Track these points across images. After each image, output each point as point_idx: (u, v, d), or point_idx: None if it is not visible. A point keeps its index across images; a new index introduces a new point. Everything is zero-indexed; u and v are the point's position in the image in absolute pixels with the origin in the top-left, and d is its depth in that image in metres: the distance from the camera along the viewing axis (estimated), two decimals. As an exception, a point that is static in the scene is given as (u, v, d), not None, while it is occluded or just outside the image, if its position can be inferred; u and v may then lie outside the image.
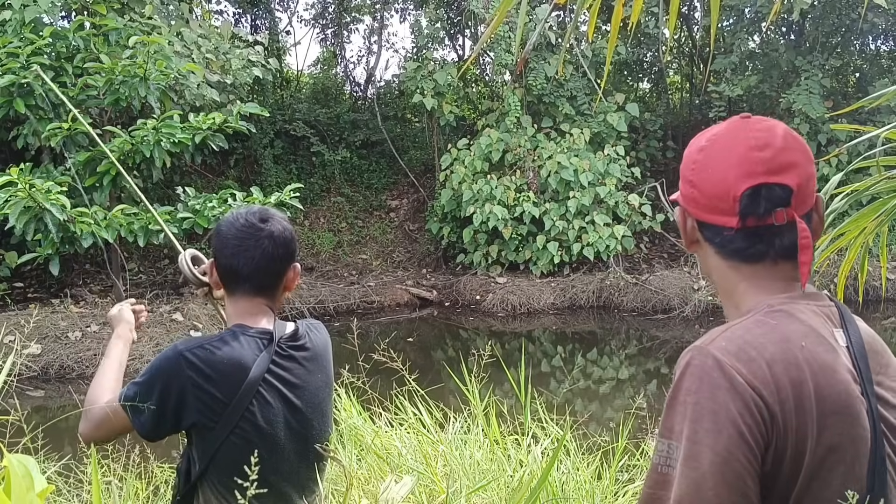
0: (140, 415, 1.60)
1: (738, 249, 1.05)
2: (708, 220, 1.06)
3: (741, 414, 0.91)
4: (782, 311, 1.00)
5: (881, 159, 2.05)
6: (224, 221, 1.71)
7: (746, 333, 0.97)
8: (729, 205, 1.02)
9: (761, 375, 0.92)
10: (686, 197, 1.10)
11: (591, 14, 1.59)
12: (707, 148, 1.07)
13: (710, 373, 0.93)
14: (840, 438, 0.94)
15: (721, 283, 1.09)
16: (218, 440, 1.58)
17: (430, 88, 12.44)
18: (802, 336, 0.97)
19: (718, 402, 0.92)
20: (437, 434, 3.10)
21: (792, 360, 0.94)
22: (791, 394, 0.92)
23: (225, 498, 1.58)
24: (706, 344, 0.97)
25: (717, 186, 1.04)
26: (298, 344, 1.70)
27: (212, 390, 1.56)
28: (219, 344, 1.60)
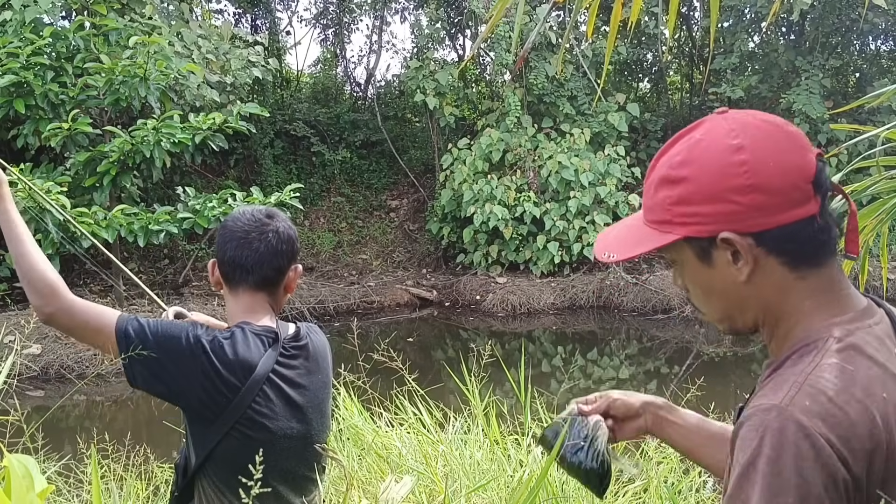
0: (135, 364, 1.56)
1: (819, 244, 0.92)
2: (780, 221, 0.90)
3: (827, 488, 0.82)
4: (853, 347, 0.89)
5: (881, 159, 2.05)
6: (229, 217, 1.74)
7: (828, 387, 0.86)
8: (803, 190, 0.90)
9: (851, 442, 0.83)
10: (739, 212, 0.91)
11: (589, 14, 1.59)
12: (748, 153, 0.91)
13: (798, 444, 0.83)
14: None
15: (779, 306, 0.95)
16: (217, 435, 1.58)
17: (432, 88, 12.45)
18: (882, 384, 0.87)
19: (804, 477, 0.82)
20: (437, 434, 3.11)
21: (878, 417, 0.85)
22: (880, 457, 0.84)
23: (223, 494, 1.58)
24: (787, 404, 0.85)
25: (788, 174, 0.90)
26: (301, 344, 1.71)
27: (217, 383, 1.56)
28: (230, 340, 1.60)
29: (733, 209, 0.91)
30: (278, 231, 1.69)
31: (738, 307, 0.98)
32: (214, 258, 1.74)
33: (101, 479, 2.84)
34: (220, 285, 1.74)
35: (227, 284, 1.72)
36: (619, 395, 1.31)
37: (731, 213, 0.91)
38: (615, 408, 1.30)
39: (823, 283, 0.94)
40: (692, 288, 1.02)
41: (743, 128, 0.93)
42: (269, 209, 1.75)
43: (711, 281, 0.98)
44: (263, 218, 1.70)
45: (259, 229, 1.69)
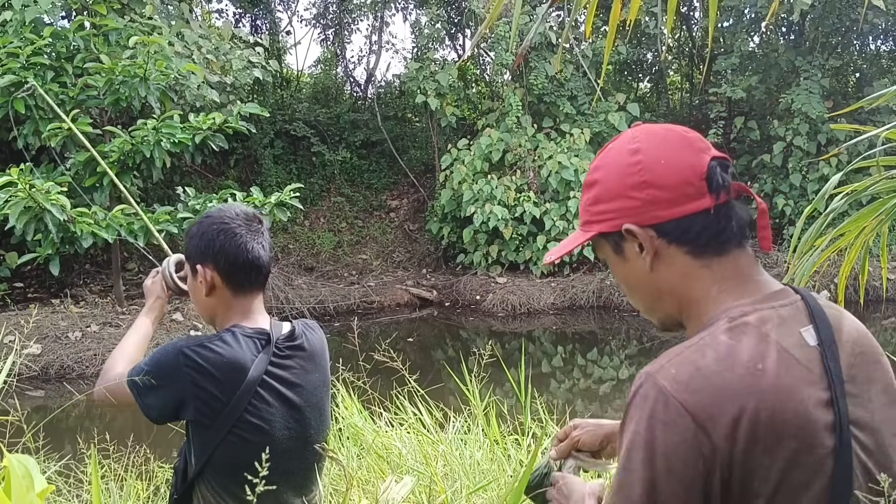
0: (144, 398, 1.61)
1: (714, 235, 1.00)
2: (675, 214, 0.99)
3: (676, 450, 0.89)
4: (744, 324, 0.95)
5: (881, 159, 2.05)
6: (221, 215, 1.67)
7: (700, 359, 0.93)
8: (696, 185, 0.99)
9: (709, 409, 0.89)
10: (637, 208, 1.01)
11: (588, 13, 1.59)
12: (642, 154, 1.02)
13: (654, 404, 0.91)
14: (796, 464, 0.91)
15: (686, 293, 1.02)
16: (215, 440, 1.58)
17: (432, 89, 12.45)
18: (761, 357, 0.92)
19: (654, 435, 0.90)
20: (437, 434, 3.10)
21: (747, 387, 0.90)
22: (739, 424, 0.89)
23: (222, 497, 1.58)
24: (655, 371, 0.94)
25: (680, 171, 1.00)
26: (296, 344, 1.70)
27: (210, 389, 1.56)
28: (219, 343, 1.59)
29: (633, 204, 1.01)
30: (266, 231, 1.72)
31: (654, 297, 1.06)
32: (198, 262, 1.67)
33: (101, 479, 2.84)
34: (212, 291, 1.67)
35: (230, 288, 1.67)
36: (581, 432, 1.35)
37: (631, 207, 1.02)
38: (582, 444, 1.36)
39: (728, 271, 1.01)
40: (619, 283, 1.12)
41: (644, 134, 1.06)
42: (235, 204, 1.75)
43: (628, 274, 1.08)
44: (249, 213, 1.70)
45: (258, 229, 1.69)
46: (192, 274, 1.70)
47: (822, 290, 11.04)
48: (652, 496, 0.90)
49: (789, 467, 0.90)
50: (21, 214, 6.98)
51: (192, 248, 1.68)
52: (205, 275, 1.66)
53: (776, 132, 12.44)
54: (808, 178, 12.12)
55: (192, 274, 1.70)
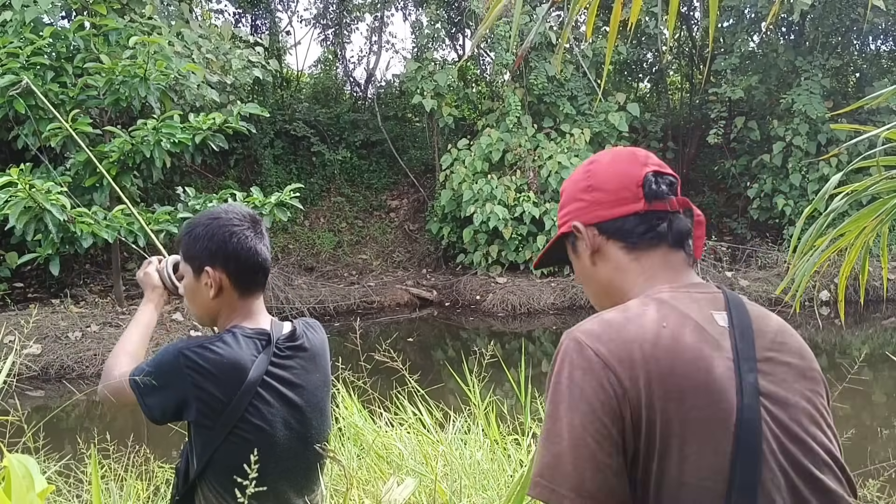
0: (146, 399, 1.61)
1: (643, 232, 1.14)
2: (613, 214, 1.16)
3: (595, 391, 0.98)
4: (655, 299, 1.08)
5: (881, 159, 2.05)
6: (227, 217, 1.66)
7: (613, 319, 1.05)
8: (633, 191, 1.15)
9: (618, 353, 0.99)
10: (583, 208, 1.19)
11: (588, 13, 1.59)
12: (594, 165, 1.21)
13: (572, 354, 1.01)
14: (699, 413, 0.98)
15: (619, 283, 1.17)
16: (217, 440, 1.58)
17: (431, 89, 12.44)
18: (665, 318, 1.04)
19: (575, 381, 0.99)
20: (437, 434, 3.10)
21: (650, 339, 1.01)
22: (646, 370, 0.98)
23: (224, 498, 1.58)
24: (574, 328, 1.05)
25: (620, 179, 1.16)
26: (296, 344, 1.69)
27: (211, 390, 1.56)
28: (219, 344, 1.59)
29: (581, 205, 1.20)
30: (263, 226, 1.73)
31: (598, 291, 1.20)
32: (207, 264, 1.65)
33: (101, 479, 2.84)
34: (219, 293, 1.66)
35: (237, 290, 1.66)
36: None
37: (580, 208, 1.20)
38: None
39: (655, 265, 1.15)
40: (582, 284, 1.26)
41: (602, 152, 1.25)
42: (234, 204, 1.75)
43: (581, 270, 1.23)
44: (254, 215, 1.70)
45: (259, 229, 1.69)
46: (195, 276, 1.68)
47: (822, 290, 11.04)
48: (581, 437, 0.97)
49: (695, 418, 0.98)
50: (21, 214, 6.98)
51: (200, 249, 1.65)
52: (214, 277, 1.65)
53: (776, 132, 12.44)
54: (808, 178, 12.12)
55: (195, 276, 1.68)
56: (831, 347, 9.75)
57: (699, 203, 14.61)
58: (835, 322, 10.40)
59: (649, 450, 0.98)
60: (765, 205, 13.00)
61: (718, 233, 13.61)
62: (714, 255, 12.33)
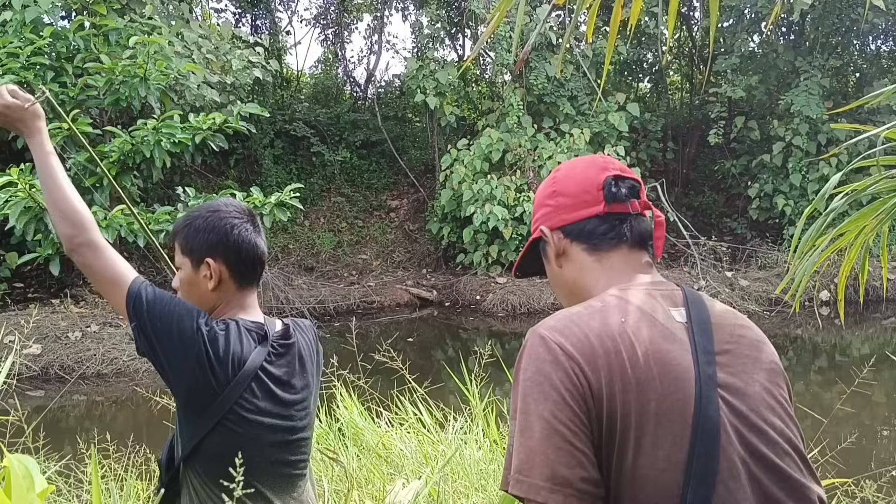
0: (141, 326, 1.56)
1: (604, 233, 1.19)
2: (575, 217, 1.21)
3: (562, 381, 1.00)
4: (614, 297, 1.12)
5: (881, 159, 2.05)
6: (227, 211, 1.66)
7: (574, 314, 1.09)
8: (594, 195, 1.20)
9: (580, 346, 1.02)
10: (549, 213, 1.24)
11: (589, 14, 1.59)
12: (559, 173, 1.26)
13: (537, 349, 1.04)
14: (658, 405, 1.00)
15: (583, 283, 1.21)
16: (205, 429, 1.58)
17: (432, 88, 12.45)
18: (624, 313, 1.08)
19: (543, 374, 1.02)
20: (437, 434, 3.11)
21: (609, 333, 1.04)
22: (606, 362, 1.01)
23: (209, 487, 1.59)
24: (537, 326, 1.08)
25: (581, 184, 1.21)
26: (289, 342, 1.71)
27: (208, 373, 1.56)
28: (225, 332, 1.60)
29: (547, 211, 1.24)
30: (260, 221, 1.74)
31: (566, 293, 1.24)
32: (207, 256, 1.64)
33: (101, 479, 2.84)
34: (218, 285, 1.66)
35: (235, 282, 1.67)
36: None
37: (546, 213, 1.25)
38: None
39: (616, 266, 1.19)
40: (552, 289, 1.29)
41: (568, 162, 1.30)
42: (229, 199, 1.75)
43: (550, 274, 1.27)
44: (252, 210, 1.71)
45: (258, 224, 1.71)
46: (193, 268, 1.67)
47: (822, 289, 11.04)
48: (552, 426, 0.99)
49: (653, 410, 1.00)
50: (21, 214, 6.98)
51: (200, 241, 1.65)
52: (215, 269, 1.65)
53: (776, 132, 12.44)
54: (808, 178, 12.12)
55: (193, 268, 1.67)
56: (831, 347, 9.75)
57: (699, 203, 14.62)
58: (835, 322, 10.41)
59: (609, 442, 1.00)
60: (765, 205, 13.00)
61: (718, 233, 13.61)
62: (714, 255, 12.33)
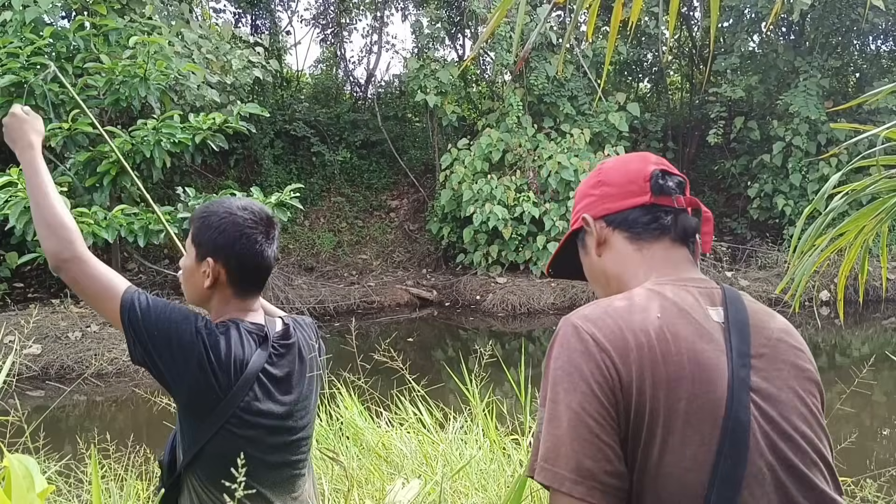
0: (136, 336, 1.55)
1: (647, 223, 1.18)
2: (620, 206, 1.20)
3: (592, 373, 1.00)
4: (651, 290, 1.11)
5: (881, 158, 2.05)
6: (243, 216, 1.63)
7: (609, 306, 1.08)
8: (640, 185, 1.19)
9: (612, 338, 1.02)
10: (593, 202, 1.24)
11: (590, 14, 1.59)
12: (605, 164, 1.27)
13: (570, 339, 1.04)
14: (687, 404, 1.00)
15: (621, 273, 1.19)
16: (207, 434, 1.58)
17: (433, 87, 12.45)
18: (661, 309, 1.06)
19: (574, 364, 1.01)
20: (437, 434, 3.11)
21: (644, 328, 1.03)
22: (638, 356, 1.01)
23: (210, 490, 1.58)
24: (571, 314, 1.08)
25: (628, 174, 1.21)
26: (289, 343, 1.70)
27: (210, 377, 1.56)
28: (226, 336, 1.59)
29: (591, 200, 1.25)
30: (278, 231, 1.71)
31: (604, 283, 1.23)
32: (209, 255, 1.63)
33: (101, 479, 2.84)
34: (214, 285, 1.65)
35: (232, 288, 1.66)
36: None
37: (589, 203, 1.25)
38: None
39: (657, 257, 1.18)
40: (589, 282, 1.28)
41: (614, 156, 1.30)
42: (258, 203, 1.70)
43: (589, 265, 1.26)
44: (270, 217, 1.68)
45: (272, 233, 1.67)
46: (196, 260, 1.66)
47: (822, 289, 11.04)
48: (580, 417, 0.99)
49: (682, 409, 0.99)
50: (21, 214, 6.98)
51: (206, 238, 1.64)
52: (213, 269, 1.64)
53: (776, 132, 12.44)
54: (808, 178, 12.12)
55: (196, 260, 1.66)
56: (831, 347, 9.75)
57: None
58: (834, 322, 10.41)
59: (635, 436, 1.00)
60: (765, 205, 13.00)
61: (718, 233, 13.61)
62: (714, 255, 12.33)
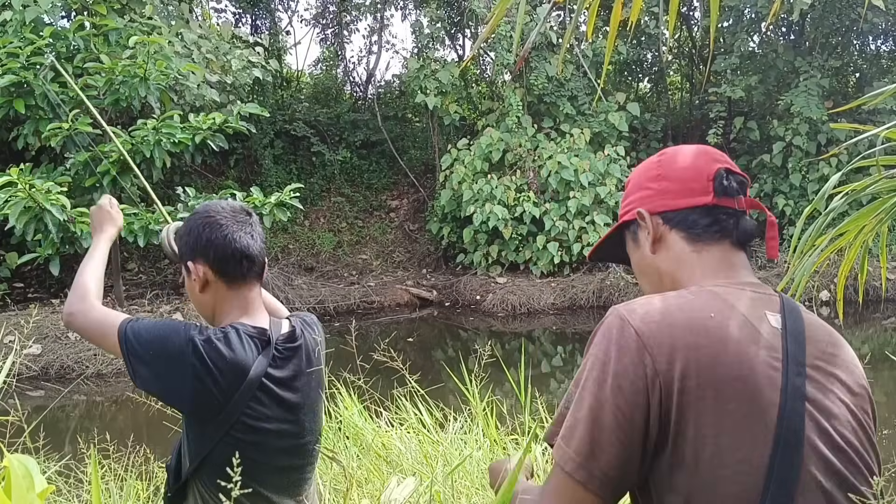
0: (136, 366, 1.57)
1: (708, 225, 1.14)
2: (680, 205, 1.15)
3: (626, 369, 0.99)
4: (708, 291, 1.08)
5: (881, 159, 2.04)
6: (206, 210, 1.66)
7: (661, 302, 1.06)
8: (702, 184, 1.15)
9: (658, 337, 1.00)
10: (650, 196, 1.19)
11: (589, 13, 1.59)
12: (665, 156, 1.22)
13: (612, 330, 1.03)
14: (737, 406, 0.99)
15: (676, 273, 1.16)
16: (213, 440, 1.57)
17: (433, 87, 12.45)
18: (716, 310, 1.04)
19: (609, 356, 1.01)
20: (437, 434, 3.11)
21: (695, 328, 1.01)
22: (685, 356, 0.99)
23: (216, 496, 1.58)
24: (622, 305, 1.06)
25: (689, 170, 1.16)
26: (295, 345, 1.69)
27: (210, 386, 1.55)
28: (224, 341, 1.57)
29: (648, 193, 1.19)
30: (257, 223, 1.70)
31: (656, 280, 1.19)
32: (189, 259, 1.64)
33: (101, 479, 2.84)
34: (205, 287, 1.65)
35: (223, 281, 1.65)
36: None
37: (646, 196, 1.19)
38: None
39: (715, 260, 1.14)
40: (634, 271, 1.25)
41: (674, 147, 1.24)
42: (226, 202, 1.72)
43: (639, 259, 1.22)
44: (237, 207, 1.68)
45: (247, 221, 1.67)
46: (186, 273, 1.68)
47: (822, 289, 11.04)
48: (597, 409, 1.00)
49: (732, 410, 0.98)
50: (21, 214, 6.98)
51: (183, 246, 1.66)
52: (197, 271, 1.64)
53: (776, 132, 12.44)
54: (808, 178, 12.12)
55: (186, 273, 1.68)
56: (831, 347, 9.73)
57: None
58: (835, 322, 10.39)
59: (680, 435, 0.99)
60: (765, 204, 12.93)
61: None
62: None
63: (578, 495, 1.00)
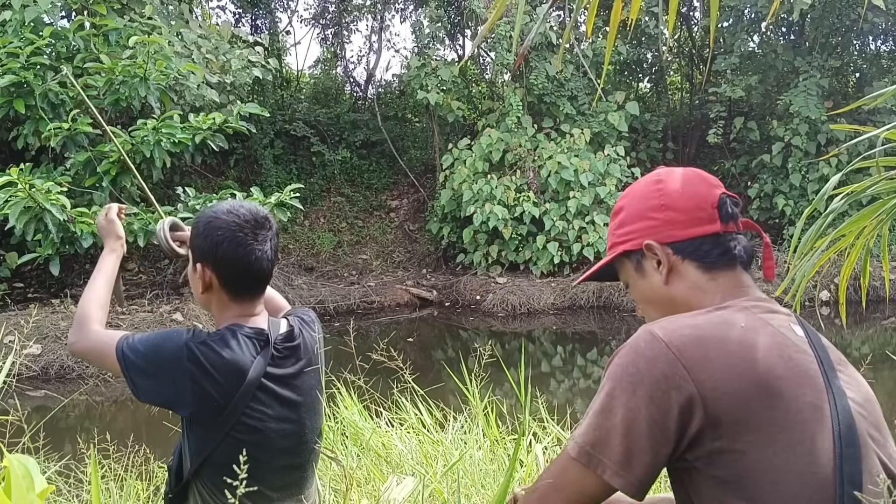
0: (135, 378, 1.58)
1: (721, 253, 1.16)
2: (689, 235, 1.17)
3: (657, 380, 1.01)
4: (732, 306, 1.11)
5: (881, 159, 2.04)
6: (229, 217, 1.60)
7: (690, 318, 1.08)
8: (708, 212, 1.17)
9: (691, 348, 1.02)
10: (657, 227, 1.19)
11: (588, 13, 1.59)
12: (663, 184, 1.21)
13: (641, 344, 1.05)
14: (789, 403, 1.01)
15: (693, 300, 1.17)
16: (213, 442, 1.57)
17: (435, 85, 12.45)
18: (743, 321, 1.07)
19: (639, 368, 1.03)
20: (437, 434, 3.11)
21: (727, 338, 1.03)
22: (722, 364, 1.01)
23: (217, 497, 1.58)
24: (651, 324, 1.08)
25: (694, 199, 1.17)
26: (294, 345, 1.69)
27: (208, 389, 1.55)
28: (220, 343, 1.57)
29: (653, 224, 1.19)
30: (275, 234, 1.67)
31: (669, 310, 1.18)
32: (199, 261, 1.62)
33: (101, 479, 2.84)
34: (208, 290, 1.64)
35: (227, 293, 1.64)
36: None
37: (651, 227, 1.19)
38: None
39: (731, 284, 1.16)
40: (638, 303, 1.26)
41: (665, 171, 1.24)
42: (251, 204, 1.67)
43: (646, 289, 1.22)
44: (259, 218, 1.63)
45: (262, 234, 1.62)
46: (192, 266, 1.67)
47: (823, 290, 11.04)
48: (630, 420, 1.02)
49: (784, 407, 1.00)
50: (21, 214, 6.98)
51: (195, 244, 1.64)
52: (204, 274, 1.63)
53: (776, 132, 12.44)
54: (808, 178, 12.12)
55: (192, 266, 1.67)
56: (831, 347, 9.74)
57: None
58: (835, 322, 10.41)
59: (733, 439, 1.00)
60: (765, 205, 13.00)
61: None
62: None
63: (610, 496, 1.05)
